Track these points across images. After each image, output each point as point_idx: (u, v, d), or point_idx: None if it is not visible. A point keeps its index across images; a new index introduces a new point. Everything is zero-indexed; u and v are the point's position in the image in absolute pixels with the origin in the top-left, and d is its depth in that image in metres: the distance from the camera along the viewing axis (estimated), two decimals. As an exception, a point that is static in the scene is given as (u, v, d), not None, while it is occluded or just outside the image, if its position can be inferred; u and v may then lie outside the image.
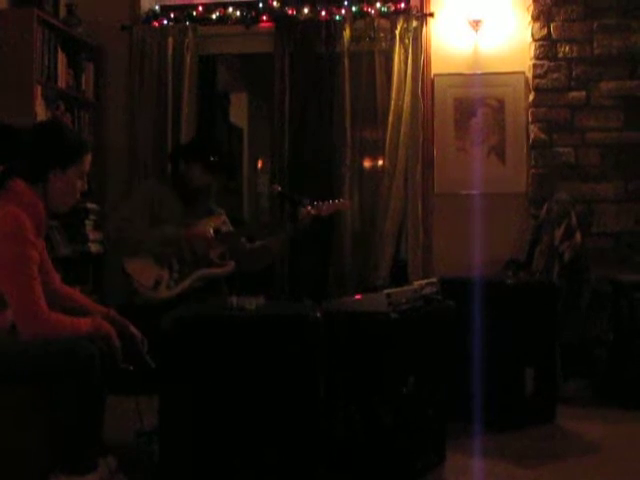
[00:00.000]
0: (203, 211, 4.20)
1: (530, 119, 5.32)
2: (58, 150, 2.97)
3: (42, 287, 2.85)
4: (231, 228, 4.26)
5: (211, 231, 4.06)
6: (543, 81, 5.29)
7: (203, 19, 5.59)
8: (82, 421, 2.72)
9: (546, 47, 5.28)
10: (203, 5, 5.63)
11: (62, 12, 5.41)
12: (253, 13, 5.54)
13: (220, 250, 4.11)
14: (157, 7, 5.73)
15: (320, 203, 4.17)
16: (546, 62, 5.28)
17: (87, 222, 5.32)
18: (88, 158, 3.07)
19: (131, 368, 2.95)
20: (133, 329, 3.05)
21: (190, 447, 2.65)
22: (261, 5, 5.53)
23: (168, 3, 5.75)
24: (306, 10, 5.46)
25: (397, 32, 5.33)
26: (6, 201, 2.86)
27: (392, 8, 5.39)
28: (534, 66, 5.30)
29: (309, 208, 4.10)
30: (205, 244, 4.01)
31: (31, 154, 2.97)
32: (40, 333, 2.75)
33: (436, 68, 5.42)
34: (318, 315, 2.72)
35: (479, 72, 5.35)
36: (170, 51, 5.55)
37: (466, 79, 5.38)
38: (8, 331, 2.89)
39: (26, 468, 2.77)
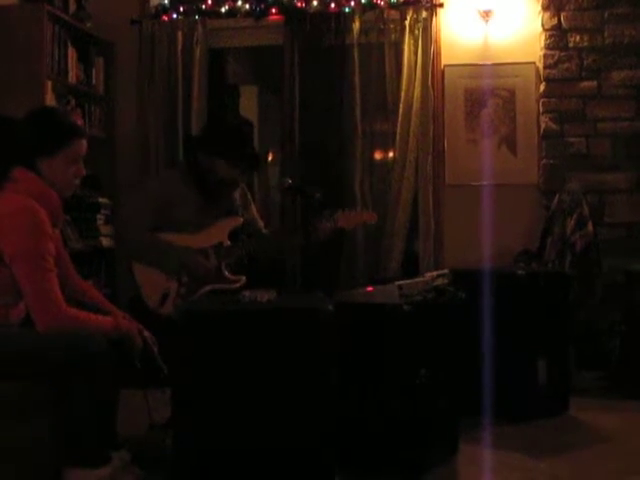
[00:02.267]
0: (224, 208, 3.91)
1: (541, 109, 5.30)
2: (43, 136, 2.93)
3: (59, 280, 2.86)
4: (256, 221, 4.12)
5: (226, 237, 3.81)
6: (554, 71, 5.27)
7: (212, 12, 5.58)
8: (95, 414, 2.73)
9: (557, 37, 5.25)
10: (212, -2, 5.63)
11: (72, 7, 5.41)
12: (262, 6, 5.53)
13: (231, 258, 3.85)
14: (166, 1, 5.71)
15: (343, 213, 3.93)
16: (557, 52, 5.25)
17: (98, 216, 5.33)
18: (80, 142, 3.00)
19: (138, 365, 2.97)
20: (146, 333, 3.06)
21: (203, 440, 2.66)
22: (270, -2, 5.53)
23: (177, -4, 5.76)
24: (315, 2, 5.44)
25: (407, 23, 5.31)
26: (17, 193, 2.84)
27: (402, -1, 5.38)
28: (545, 56, 5.27)
29: (332, 221, 3.87)
30: (207, 272, 3.74)
31: (20, 142, 2.95)
32: (56, 326, 2.76)
33: (446, 59, 5.41)
34: (330, 307, 2.72)
35: (489, 63, 5.33)
36: (180, 45, 5.55)
37: (476, 70, 5.36)
38: (21, 324, 2.90)
39: (40, 461, 2.78)
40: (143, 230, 3.70)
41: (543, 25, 5.26)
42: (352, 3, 5.40)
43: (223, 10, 5.58)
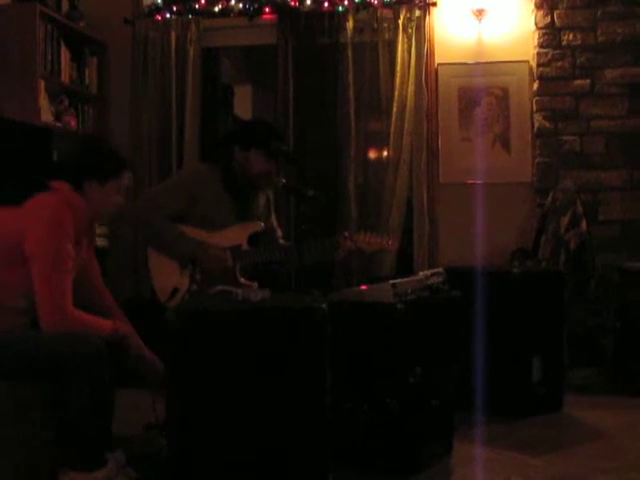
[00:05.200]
0: (248, 211, 3.89)
1: (535, 108, 5.31)
2: (98, 164, 3.04)
3: (84, 283, 2.95)
4: (275, 230, 4.10)
5: (245, 241, 3.79)
6: (547, 69, 5.28)
7: (206, 12, 5.59)
8: (93, 416, 2.73)
9: (550, 35, 5.26)
10: (205, -2, 5.63)
11: (64, 6, 5.41)
12: (255, 5, 5.53)
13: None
14: (159, 0, 5.71)
15: (365, 235, 3.88)
16: (550, 50, 5.26)
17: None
18: (127, 174, 3.15)
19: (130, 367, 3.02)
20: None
21: (198, 440, 2.66)
22: (263, -4, 5.53)
23: (170, -4, 5.75)
24: (309, 1, 5.45)
25: (400, 22, 5.32)
26: (51, 196, 2.93)
27: (395, -2, 5.38)
28: (538, 54, 5.28)
29: (351, 242, 3.80)
30: (219, 266, 3.72)
31: (72, 162, 3.06)
32: (60, 327, 2.77)
33: (440, 58, 5.42)
34: (324, 306, 2.71)
35: (483, 61, 5.34)
36: (173, 44, 5.55)
37: (470, 68, 5.37)
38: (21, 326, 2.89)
39: (36, 464, 2.78)
40: (164, 214, 3.72)
41: (536, 23, 5.27)
42: (346, 2, 5.41)
43: (216, 9, 5.58)
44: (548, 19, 5.26)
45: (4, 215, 2.97)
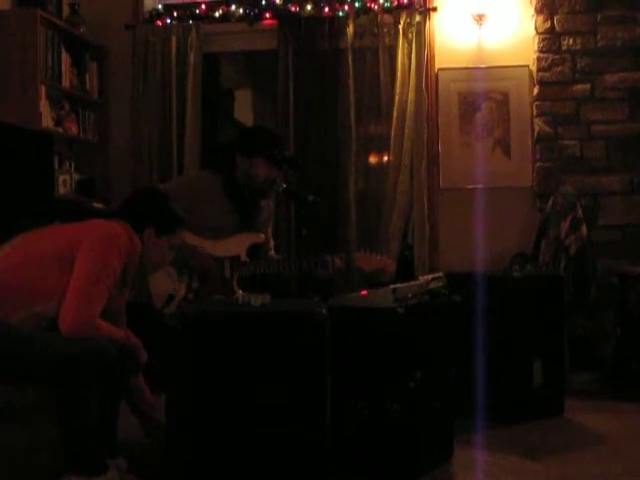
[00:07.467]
0: (250, 220, 3.91)
1: (535, 112, 5.31)
2: (163, 216, 3.14)
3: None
4: (268, 240, 4.10)
5: (244, 252, 3.82)
6: (547, 74, 5.28)
7: (206, 17, 5.60)
8: (100, 422, 2.73)
9: (550, 40, 5.27)
10: (206, 3, 5.63)
11: (65, 12, 5.42)
12: (256, 10, 5.54)
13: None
14: (160, 6, 5.73)
15: (364, 254, 3.93)
16: (550, 55, 5.27)
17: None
18: (182, 233, 3.27)
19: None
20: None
21: (196, 444, 2.66)
22: (264, 2, 5.53)
23: (171, 2, 5.75)
24: (309, 6, 5.46)
25: (400, 27, 5.33)
26: (114, 223, 3.01)
27: (395, 3, 5.39)
28: (538, 59, 5.28)
29: (341, 262, 3.86)
30: (208, 272, 3.76)
31: (139, 208, 3.13)
32: (80, 331, 2.76)
33: (440, 63, 5.42)
34: (323, 311, 2.72)
35: (483, 66, 5.34)
36: (174, 50, 5.56)
37: (470, 73, 5.37)
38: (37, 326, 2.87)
39: (39, 468, 2.78)
40: None
41: (536, 28, 5.28)
42: (346, 7, 5.42)
43: (217, 15, 5.59)
44: (548, 24, 5.26)
45: (64, 228, 3.13)
